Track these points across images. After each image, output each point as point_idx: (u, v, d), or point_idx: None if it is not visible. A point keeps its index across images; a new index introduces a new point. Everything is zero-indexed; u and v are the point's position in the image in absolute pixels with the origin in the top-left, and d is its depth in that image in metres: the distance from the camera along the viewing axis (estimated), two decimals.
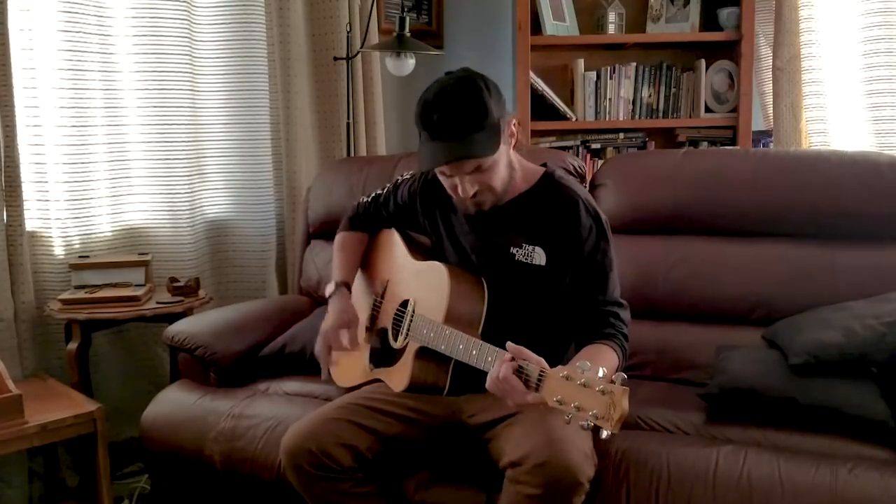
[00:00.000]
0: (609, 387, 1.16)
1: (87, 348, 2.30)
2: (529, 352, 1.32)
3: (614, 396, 1.15)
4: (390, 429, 1.60)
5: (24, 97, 2.28)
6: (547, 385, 1.26)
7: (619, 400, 1.15)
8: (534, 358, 1.31)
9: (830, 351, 1.64)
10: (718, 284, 2.02)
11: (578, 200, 1.57)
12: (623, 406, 1.15)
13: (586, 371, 1.20)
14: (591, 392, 1.18)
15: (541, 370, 1.28)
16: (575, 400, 1.19)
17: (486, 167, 1.48)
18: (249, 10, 2.79)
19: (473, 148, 1.44)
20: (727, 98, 3.06)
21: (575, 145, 3.16)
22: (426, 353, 1.59)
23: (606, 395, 1.16)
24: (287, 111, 2.83)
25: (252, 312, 2.29)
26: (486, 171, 1.49)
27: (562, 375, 1.23)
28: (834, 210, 1.98)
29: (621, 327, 1.52)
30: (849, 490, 1.42)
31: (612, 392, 1.16)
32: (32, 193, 2.34)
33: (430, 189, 1.75)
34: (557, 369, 1.26)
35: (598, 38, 3.10)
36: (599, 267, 1.55)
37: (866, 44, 2.53)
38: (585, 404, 1.18)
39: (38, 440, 1.92)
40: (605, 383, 1.17)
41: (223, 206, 2.89)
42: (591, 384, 1.18)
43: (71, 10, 2.35)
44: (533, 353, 1.32)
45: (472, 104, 1.44)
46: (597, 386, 1.17)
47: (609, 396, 1.16)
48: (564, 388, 1.22)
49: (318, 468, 1.53)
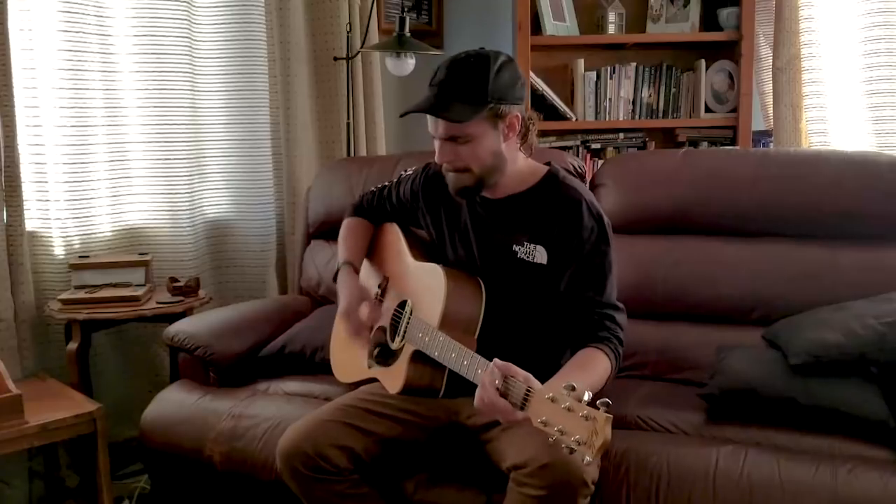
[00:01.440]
0: (592, 413, 1.14)
1: (87, 348, 2.30)
2: (517, 368, 1.30)
3: (597, 423, 1.14)
4: (388, 431, 1.59)
5: (24, 97, 2.28)
6: (532, 405, 1.25)
7: (602, 428, 1.13)
8: (521, 374, 1.29)
9: (830, 351, 1.64)
10: (718, 284, 2.02)
11: (582, 201, 1.57)
12: (605, 434, 1.13)
13: (572, 393, 1.18)
14: (575, 417, 1.16)
15: (527, 389, 1.26)
16: (559, 423, 1.18)
17: (462, 139, 1.50)
18: (249, 10, 2.79)
19: (450, 111, 1.47)
20: (727, 98, 3.06)
21: (575, 145, 3.16)
22: (422, 357, 1.59)
23: (590, 422, 1.14)
24: (287, 111, 2.83)
25: (252, 312, 2.29)
26: (463, 145, 1.51)
27: (547, 397, 1.21)
28: (834, 210, 1.98)
29: (616, 331, 1.51)
30: (849, 490, 1.42)
31: (596, 419, 1.14)
32: (32, 193, 2.34)
33: (432, 185, 1.75)
34: (543, 389, 1.24)
35: (598, 38, 3.09)
36: (598, 268, 1.55)
37: (866, 44, 2.53)
38: (569, 429, 1.16)
39: (38, 440, 1.92)
40: (588, 409, 1.15)
41: (223, 206, 2.89)
42: (575, 409, 1.16)
43: (71, 10, 2.35)
44: (521, 370, 1.30)
45: (472, 75, 1.48)
46: (581, 412, 1.15)
47: (592, 423, 1.14)
48: (549, 411, 1.20)
49: (313, 470, 1.53)
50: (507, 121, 1.52)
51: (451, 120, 1.48)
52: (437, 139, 1.54)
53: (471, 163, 1.53)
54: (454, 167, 1.55)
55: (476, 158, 1.52)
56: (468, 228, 1.67)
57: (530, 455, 1.37)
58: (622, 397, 1.77)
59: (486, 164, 1.54)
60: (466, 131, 1.49)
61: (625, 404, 1.74)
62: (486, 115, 1.49)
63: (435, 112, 1.49)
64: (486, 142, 1.51)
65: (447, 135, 1.51)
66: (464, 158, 1.52)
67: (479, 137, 1.50)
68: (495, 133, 1.52)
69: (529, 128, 1.58)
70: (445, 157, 1.54)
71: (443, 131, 1.51)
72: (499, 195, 1.63)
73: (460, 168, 1.54)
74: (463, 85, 1.48)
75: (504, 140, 1.54)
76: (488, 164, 1.54)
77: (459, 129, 1.49)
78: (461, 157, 1.52)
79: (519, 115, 1.53)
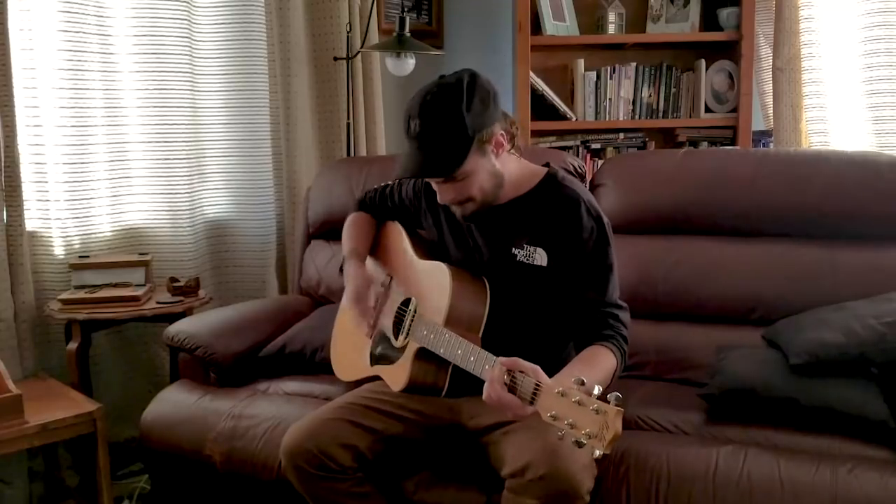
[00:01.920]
0: (604, 406, 1.15)
1: (87, 348, 2.30)
2: (524, 362, 1.31)
3: (608, 417, 1.14)
4: (390, 428, 1.60)
5: (24, 97, 2.28)
6: (542, 400, 1.25)
7: (613, 421, 1.14)
8: (529, 368, 1.29)
9: (830, 351, 1.64)
10: (718, 284, 2.02)
11: (580, 201, 1.57)
12: (616, 427, 1.14)
13: (581, 387, 1.18)
14: (585, 410, 1.16)
15: (536, 383, 1.27)
16: (569, 417, 1.18)
17: (460, 179, 1.51)
18: (249, 10, 2.79)
19: (441, 164, 1.49)
20: (727, 98, 3.06)
21: (575, 145, 3.16)
22: (425, 354, 1.59)
23: (600, 415, 1.15)
24: (287, 111, 2.83)
25: (252, 312, 2.29)
26: (462, 182, 1.52)
27: (557, 391, 1.21)
28: (834, 210, 1.98)
29: (620, 329, 1.52)
30: (849, 490, 1.42)
31: (606, 412, 1.14)
32: (32, 193, 2.34)
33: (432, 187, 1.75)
34: (553, 383, 1.24)
35: (598, 38, 3.09)
36: (599, 268, 1.55)
37: (866, 44, 2.53)
38: (579, 422, 1.16)
39: (38, 440, 1.93)
40: (599, 402, 1.16)
41: (223, 206, 2.89)
42: (585, 402, 1.17)
43: (71, 10, 2.35)
44: (528, 363, 1.30)
45: (447, 119, 1.47)
46: (591, 405, 1.16)
47: (603, 416, 1.14)
48: (559, 405, 1.20)
49: (317, 468, 1.53)
50: (494, 141, 1.52)
51: (447, 173, 1.50)
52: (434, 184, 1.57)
53: (473, 194, 1.55)
54: (459, 202, 1.57)
55: (477, 189, 1.54)
56: (468, 232, 1.67)
57: (526, 464, 1.37)
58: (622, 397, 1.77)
59: (488, 188, 1.55)
60: (458, 172, 1.50)
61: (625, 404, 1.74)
62: (473, 149, 1.49)
63: (424, 175, 1.58)
64: (481, 171, 1.53)
65: (443, 181, 1.54)
66: (466, 192, 1.54)
67: (474, 170, 1.51)
68: (486, 158, 1.53)
69: (515, 134, 1.59)
70: (449, 198, 1.57)
71: (439, 179, 1.54)
72: (499, 200, 1.63)
73: (464, 200, 1.56)
74: (441, 133, 1.47)
75: (496, 158, 1.55)
76: (489, 187, 1.56)
77: (457, 174, 1.51)
78: (463, 192, 1.54)
79: (502, 131, 1.54)
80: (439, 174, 1.51)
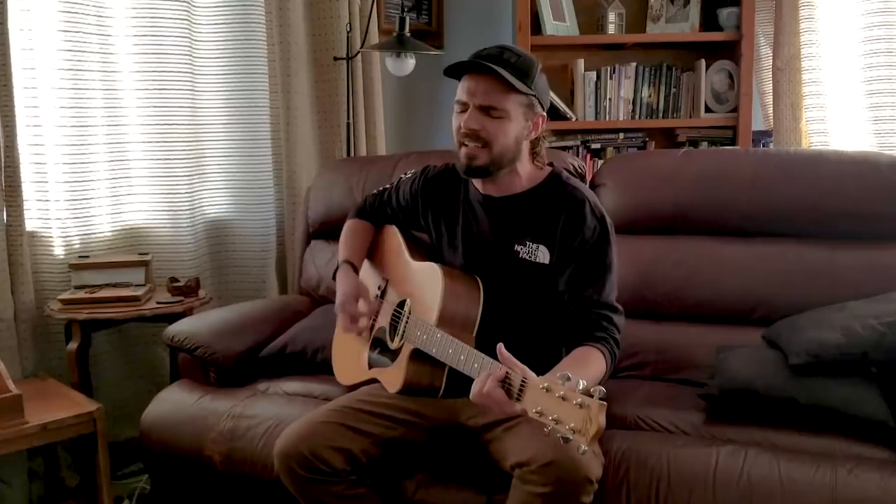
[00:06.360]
0: (587, 401, 1.15)
1: (87, 348, 2.30)
2: (515, 360, 1.31)
3: (591, 411, 1.14)
4: (387, 432, 1.59)
5: (24, 97, 2.27)
6: (528, 395, 1.25)
7: (596, 415, 1.13)
8: (518, 366, 1.30)
9: (830, 351, 1.63)
10: (718, 284, 2.02)
11: (585, 201, 1.58)
12: (599, 421, 1.13)
13: (566, 382, 1.18)
14: (569, 405, 1.16)
15: (522, 379, 1.27)
16: (553, 412, 1.18)
17: (496, 113, 1.51)
18: (249, 10, 2.79)
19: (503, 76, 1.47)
20: (727, 98, 3.06)
21: (575, 145, 3.16)
22: (421, 356, 1.59)
23: (584, 409, 1.14)
24: (287, 111, 2.83)
25: (252, 312, 2.29)
26: (495, 120, 1.51)
27: (542, 387, 1.21)
28: (834, 210, 1.98)
29: (613, 332, 1.51)
30: (849, 490, 1.42)
31: (590, 406, 1.14)
32: (32, 193, 2.33)
33: (431, 187, 1.76)
34: (539, 380, 1.24)
35: (598, 38, 3.10)
36: (598, 267, 1.55)
37: (866, 44, 2.53)
38: (563, 417, 1.16)
39: (38, 440, 1.93)
40: (583, 397, 1.15)
41: (223, 206, 2.89)
42: (569, 397, 1.17)
43: (71, 10, 2.35)
44: (518, 362, 1.31)
45: (521, 62, 1.52)
46: (574, 399, 1.16)
47: (586, 411, 1.14)
48: (544, 400, 1.20)
49: (309, 471, 1.53)
50: (535, 118, 1.56)
51: (504, 83, 1.48)
52: (467, 106, 1.53)
53: (493, 139, 1.53)
54: (475, 138, 1.53)
55: (500, 136, 1.53)
56: (468, 229, 1.67)
57: (534, 452, 1.37)
58: (622, 397, 1.77)
59: (506, 146, 1.54)
60: (504, 105, 1.50)
61: (625, 404, 1.74)
62: (524, 100, 1.52)
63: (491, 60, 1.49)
64: (514, 124, 1.53)
65: (484, 102, 1.51)
66: (489, 132, 1.52)
67: (511, 117, 1.52)
68: (524, 123, 1.55)
69: (542, 138, 1.63)
70: (473, 125, 1.52)
71: (481, 98, 1.51)
72: (501, 193, 1.63)
73: (480, 142, 1.53)
74: (514, 64, 1.50)
75: (527, 134, 1.57)
76: (508, 146, 1.55)
77: (498, 101, 1.50)
78: (487, 129, 1.52)
79: (544, 118, 1.58)
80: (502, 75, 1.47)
